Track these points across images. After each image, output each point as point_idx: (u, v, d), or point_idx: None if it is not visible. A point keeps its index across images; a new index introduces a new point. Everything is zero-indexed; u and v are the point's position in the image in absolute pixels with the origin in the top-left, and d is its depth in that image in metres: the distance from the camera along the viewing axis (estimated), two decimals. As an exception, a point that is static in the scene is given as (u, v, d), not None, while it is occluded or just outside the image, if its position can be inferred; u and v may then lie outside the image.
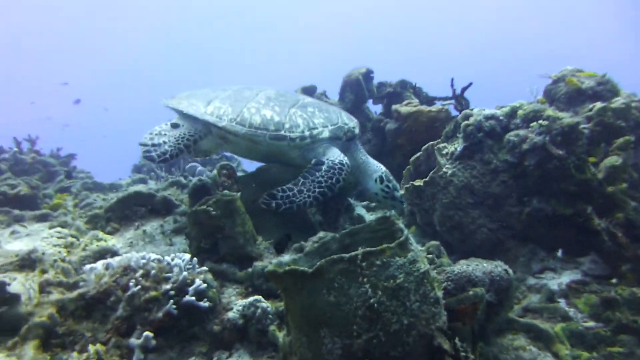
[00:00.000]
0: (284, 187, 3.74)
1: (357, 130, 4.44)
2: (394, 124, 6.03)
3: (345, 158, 4.10)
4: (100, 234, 3.84)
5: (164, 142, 4.09)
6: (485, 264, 2.75)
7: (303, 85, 7.80)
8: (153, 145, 4.06)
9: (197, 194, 4.12)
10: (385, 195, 4.19)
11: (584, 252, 3.61)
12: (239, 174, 5.31)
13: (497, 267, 2.73)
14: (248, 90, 4.57)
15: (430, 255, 3.17)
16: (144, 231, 3.96)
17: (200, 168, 8.28)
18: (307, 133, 4.11)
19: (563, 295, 3.32)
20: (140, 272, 2.66)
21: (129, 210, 4.27)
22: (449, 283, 2.62)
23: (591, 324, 2.99)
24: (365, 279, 1.94)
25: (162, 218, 4.25)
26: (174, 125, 4.35)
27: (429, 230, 4.57)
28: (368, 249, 1.97)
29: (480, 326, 2.64)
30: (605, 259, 3.46)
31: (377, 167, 4.34)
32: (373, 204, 5.69)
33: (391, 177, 4.25)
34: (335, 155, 4.09)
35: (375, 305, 1.91)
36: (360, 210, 5.44)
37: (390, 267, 1.98)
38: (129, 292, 2.53)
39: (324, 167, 3.92)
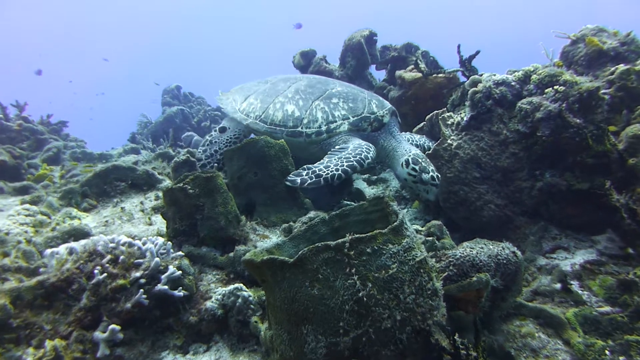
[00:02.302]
0: (309, 165, 3.66)
1: (386, 119, 4.23)
2: (397, 91, 5.68)
3: (371, 145, 3.93)
4: (74, 212, 3.56)
5: (216, 152, 4.51)
6: (491, 246, 2.51)
7: (302, 49, 7.42)
8: (207, 157, 4.49)
9: (180, 170, 3.89)
10: (413, 179, 3.92)
11: (599, 230, 3.34)
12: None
13: (504, 249, 2.50)
14: (284, 82, 4.63)
15: (430, 238, 2.88)
16: (122, 209, 3.68)
17: (196, 137, 7.96)
18: (323, 128, 4.03)
19: (576, 276, 3.07)
20: (108, 257, 2.41)
21: (107, 185, 4.02)
22: (451, 269, 2.37)
23: (607, 308, 2.73)
24: (353, 270, 1.71)
25: (143, 194, 3.98)
26: (222, 130, 4.75)
27: (433, 206, 4.29)
28: (357, 235, 1.73)
29: (485, 313, 2.45)
30: (623, 237, 3.21)
31: (405, 151, 4.08)
32: (374, 177, 5.40)
33: (419, 160, 3.95)
34: (357, 142, 3.92)
35: (365, 299, 1.69)
36: (360, 184, 5.16)
37: (382, 255, 1.76)
38: (94, 280, 2.28)
39: (350, 146, 3.79)
